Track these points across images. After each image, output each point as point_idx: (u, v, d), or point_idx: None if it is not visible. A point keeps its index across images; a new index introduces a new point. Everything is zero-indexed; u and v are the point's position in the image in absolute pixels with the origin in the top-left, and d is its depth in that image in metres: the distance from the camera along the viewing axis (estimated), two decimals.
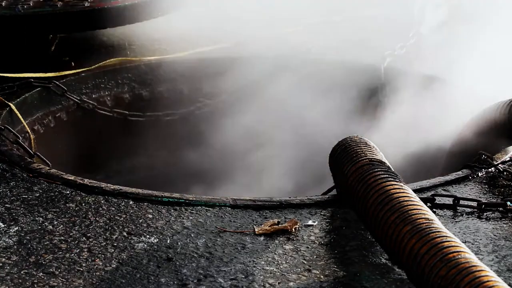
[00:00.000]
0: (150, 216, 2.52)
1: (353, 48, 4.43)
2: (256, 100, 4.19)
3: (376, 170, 2.31)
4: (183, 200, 2.61)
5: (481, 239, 2.38)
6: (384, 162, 2.41)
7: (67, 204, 2.59)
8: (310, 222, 2.49)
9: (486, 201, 2.62)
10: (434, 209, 2.58)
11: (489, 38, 3.88)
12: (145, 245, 2.32)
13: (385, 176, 2.26)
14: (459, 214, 2.58)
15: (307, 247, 2.33)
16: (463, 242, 1.98)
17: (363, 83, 4.15)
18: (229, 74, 4.19)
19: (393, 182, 2.22)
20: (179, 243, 2.34)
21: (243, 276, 2.15)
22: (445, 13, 4.36)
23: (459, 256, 1.84)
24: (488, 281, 1.75)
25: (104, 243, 2.33)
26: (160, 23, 4.54)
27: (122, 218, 2.50)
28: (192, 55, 4.35)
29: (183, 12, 4.53)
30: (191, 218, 2.51)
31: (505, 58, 3.70)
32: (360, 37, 4.49)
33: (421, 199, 2.32)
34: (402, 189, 2.19)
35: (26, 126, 3.61)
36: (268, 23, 4.56)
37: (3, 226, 2.42)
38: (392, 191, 2.18)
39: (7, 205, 2.57)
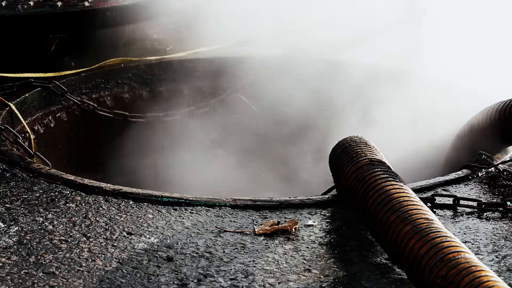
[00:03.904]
0: (150, 216, 2.52)
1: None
2: (256, 100, 4.20)
3: (376, 170, 2.31)
4: (183, 200, 2.61)
5: (481, 239, 2.38)
6: (384, 162, 2.41)
7: (67, 204, 2.59)
8: (310, 222, 2.49)
9: (486, 201, 2.62)
10: (434, 209, 2.58)
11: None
12: (145, 245, 2.32)
13: (385, 176, 2.27)
14: (459, 214, 2.58)
15: (307, 247, 2.33)
16: (463, 242, 1.98)
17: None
18: (230, 74, 4.19)
19: (393, 182, 2.22)
20: (179, 243, 2.34)
21: (243, 276, 2.15)
22: None
23: (459, 256, 1.84)
24: (488, 281, 1.75)
25: (104, 243, 2.33)
26: (160, 23, 4.54)
27: (122, 218, 2.50)
28: (192, 55, 4.36)
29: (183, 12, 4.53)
30: (191, 218, 2.51)
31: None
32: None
33: (421, 199, 2.32)
34: (402, 189, 2.19)
35: (26, 126, 3.61)
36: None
37: (3, 226, 2.42)
38: (392, 191, 2.18)
39: (7, 205, 2.57)
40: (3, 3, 4.20)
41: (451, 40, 4.15)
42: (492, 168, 2.90)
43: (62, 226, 2.44)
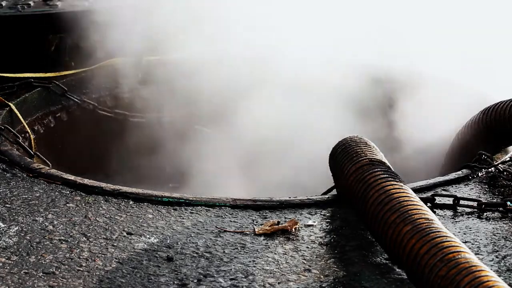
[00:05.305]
0: (150, 216, 2.52)
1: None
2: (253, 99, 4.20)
3: (376, 170, 2.31)
4: (183, 200, 2.61)
5: (481, 239, 2.38)
6: (384, 162, 2.41)
7: (67, 204, 2.59)
8: (310, 222, 2.49)
9: (486, 201, 2.62)
10: (434, 209, 2.59)
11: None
12: (145, 245, 2.32)
13: (385, 176, 2.27)
14: (459, 214, 2.58)
15: (307, 247, 2.33)
16: (463, 242, 1.98)
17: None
18: (229, 74, 4.19)
19: (393, 182, 2.22)
20: (179, 243, 2.34)
21: (243, 276, 2.15)
22: None
23: (459, 256, 1.84)
24: (488, 281, 1.75)
25: (104, 243, 2.33)
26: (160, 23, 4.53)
27: (122, 218, 2.50)
28: (191, 55, 4.35)
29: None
30: (191, 218, 2.51)
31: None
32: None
33: (421, 199, 2.32)
34: (402, 189, 2.19)
35: (26, 126, 3.61)
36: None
37: (3, 226, 2.42)
38: (392, 191, 2.18)
39: (7, 205, 2.57)
40: (4, 3, 4.20)
41: (452, 38, 4.15)
42: (492, 168, 2.90)
43: (62, 226, 2.44)
